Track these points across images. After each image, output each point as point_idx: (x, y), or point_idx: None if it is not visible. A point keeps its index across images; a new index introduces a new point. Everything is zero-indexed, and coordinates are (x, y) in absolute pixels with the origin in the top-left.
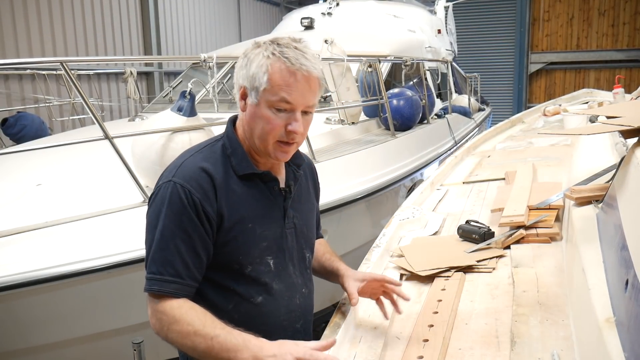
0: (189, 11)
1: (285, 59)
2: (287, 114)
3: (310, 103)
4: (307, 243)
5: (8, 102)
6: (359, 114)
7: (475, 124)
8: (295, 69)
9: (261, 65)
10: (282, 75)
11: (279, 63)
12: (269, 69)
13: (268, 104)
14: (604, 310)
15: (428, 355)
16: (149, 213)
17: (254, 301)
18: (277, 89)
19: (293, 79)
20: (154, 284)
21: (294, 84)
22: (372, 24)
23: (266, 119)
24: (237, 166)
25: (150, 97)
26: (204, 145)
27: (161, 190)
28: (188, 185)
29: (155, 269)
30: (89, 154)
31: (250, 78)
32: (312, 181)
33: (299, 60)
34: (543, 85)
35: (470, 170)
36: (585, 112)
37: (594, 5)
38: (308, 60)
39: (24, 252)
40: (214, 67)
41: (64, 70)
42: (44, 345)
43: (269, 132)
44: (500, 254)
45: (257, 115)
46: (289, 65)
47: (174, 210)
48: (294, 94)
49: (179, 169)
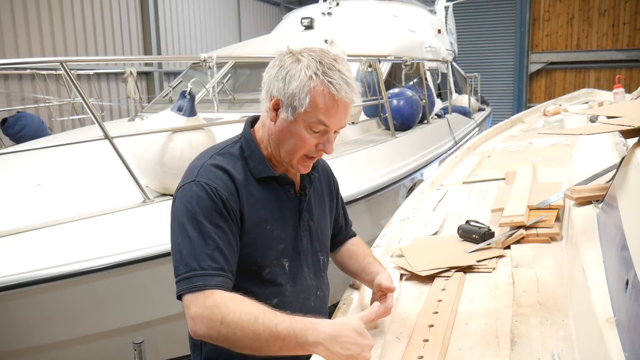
0: (189, 11)
1: (329, 84)
2: (320, 134)
3: (344, 124)
4: (322, 246)
5: (8, 102)
6: (359, 114)
7: (475, 124)
8: (339, 97)
9: (303, 85)
10: (325, 101)
11: (322, 87)
12: (312, 92)
13: (305, 124)
14: (604, 310)
15: (428, 355)
16: (176, 214)
17: (269, 303)
18: (317, 112)
19: (334, 105)
20: (197, 280)
21: (334, 110)
22: (372, 24)
23: (300, 137)
24: (255, 169)
25: (150, 97)
26: (222, 146)
27: (185, 191)
28: (214, 184)
29: (196, 265)
30: (89, 154)
31: (289, 95)
32: (326, 183)
33: (343, 88)
34: (543, 85)
35: (470, 170)
36: (585, 112)
37: (594, 5)
38: (350, 87)
39: (24, 252)
40: (214, 67)
41: (63, 70)
42: (44, 345)
43: (300, 150)
44: (500, 254)
45: (290, 131)
46: (334, 92)
47: (204, 207)
48: (333, 119)
49: (201, 170)
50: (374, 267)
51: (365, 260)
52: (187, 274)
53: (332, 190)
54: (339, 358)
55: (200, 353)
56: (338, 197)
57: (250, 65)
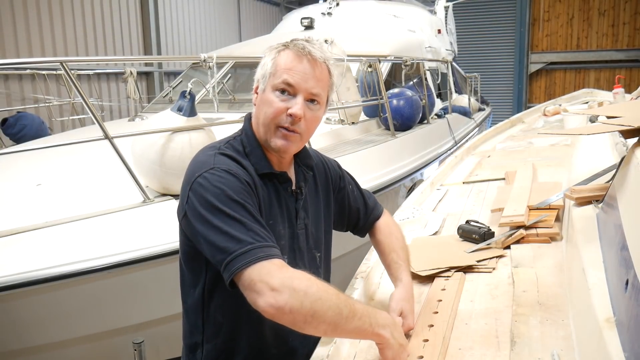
0: (189, 11)
1: (293, 46)
2: (290, 97)
3: (314, 90)
4: (317, 243)
5: (8, 102)
6: (359, 114)
7: (475, 124)
8: (301, 53)
9: (272, 57)
10: (288, 58)
11: (287, 50)
12: (277, 56)
13: (272, 87)
14: (604, 310)
15: (428, 355)
16: (203, 201)
17: None
18: (281, 72)
19: (298, 62)
20: (257, 252)
21: (298, 67)
22: (372, 24)
23: (269, 102)
24: (257, 165)
25: (150, 97)
26: (225, 141)
27: (207, 178)
28: (235, 170)
29: (251, 239)
30: (89, 154)
31: (261, 69)
32: (323, 180)
33: (306, 48)
34: (543, 85)
35: (470, 170)
36: (585, 112)
37: (594, 5)
38: (316, 49)
39: (24, 252)
40: (214, 67)
41: (63, 70)
42: (44, 346)
43: (271, 116)
44: (500, 254)
45: (262, 101)
46: (295, 50)
47: (235, 187)
48: (297, 77)
49: (215, 159)
50: (395, 269)
51: (390, 258)
52: (243, 249)
53: (328, 186)
54: (395, 344)
55: (202, 351)
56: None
57: (250, 65)
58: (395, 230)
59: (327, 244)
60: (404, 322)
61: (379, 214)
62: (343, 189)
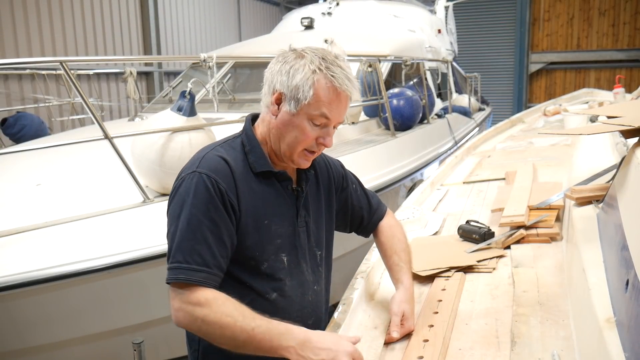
0: (189, 11)
1: (332, 78)
2: (321, 127)
3: (342, 119)
4: (318, 241)
5: (7, 102)
6: (359, 114)
7: (475, 124)
8: (341, 89)
9: (307, 78)
10: (328, 93)
11: (325, 80)
12: (315, 85)
13: (307, 116)
14: (605, 310)
15: (428, 355)
16: (172, 205)
17: (269, 297)
18: (320, 105)
19: (337, 98)
20: (180, 272)
21: (336, 103)
22: (372, 24)
23: (302, 129)
24: (255, 163)
25: (150, 97)
26: (222, 141)
27: (185, 181)
28: (214, 175)
29: (182, 257)
30: (89, 154)
31: (292, 87)
32: (325, 179)
33: (345, 82)
34: (543, 85)
35: (471, 170)
36: (585, 112)
37: (594, 5)
38: (351, 82)
39: (24, 252)
40: (214, 67)
41: (63, 70)
42: (44, 345)
43: (301, 142)
44: (500, 254)
45: (292, 124)
46: (337, 85)
47: (200, 199)
48: (334, 112)
49: (202, 161)
50: (397, 271)
51: (391, 260)
52: (172, 265)
53: (331, 185)
54: None
55: (198, 348)
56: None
57: (250, 65)
58: (397, 232)
59: (329, 242)
60: (405, 324)
61: (382, 214)
62: (346, 188)
